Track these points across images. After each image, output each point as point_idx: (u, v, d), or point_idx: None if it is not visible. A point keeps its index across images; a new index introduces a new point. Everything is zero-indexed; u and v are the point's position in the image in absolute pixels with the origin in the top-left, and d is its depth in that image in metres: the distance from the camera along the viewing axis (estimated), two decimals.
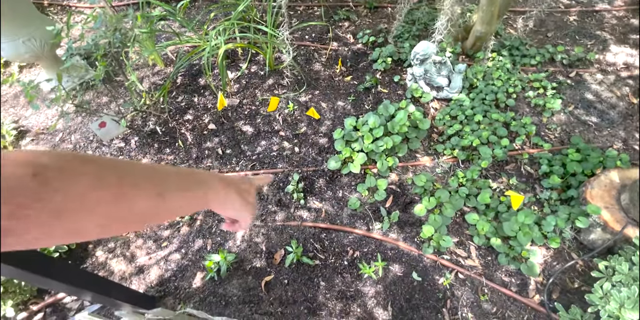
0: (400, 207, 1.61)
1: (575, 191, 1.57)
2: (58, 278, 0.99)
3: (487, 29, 1.99)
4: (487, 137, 1.77)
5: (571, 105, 1.97)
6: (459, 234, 1.54)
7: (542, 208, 1.58)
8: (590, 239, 1.45)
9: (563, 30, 2.36)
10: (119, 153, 1.90)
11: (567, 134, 1.85)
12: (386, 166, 1.68)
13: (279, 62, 2.23)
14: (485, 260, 1.47)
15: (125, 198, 0.29)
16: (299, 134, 1.90)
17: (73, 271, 1.18)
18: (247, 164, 1.81)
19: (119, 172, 0.30)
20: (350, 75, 2.16)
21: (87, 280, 1.11)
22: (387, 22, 2.44)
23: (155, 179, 0.33)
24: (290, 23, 2.42)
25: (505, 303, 1.36)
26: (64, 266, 1.26)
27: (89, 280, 1.12)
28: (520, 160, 1.75)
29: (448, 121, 1.88)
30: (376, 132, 1.70)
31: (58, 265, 1.05)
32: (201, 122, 1.98)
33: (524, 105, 1.99)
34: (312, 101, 2.03)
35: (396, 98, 2.03)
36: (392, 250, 1.50)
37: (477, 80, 2.03)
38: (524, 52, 2.19)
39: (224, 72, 1.87)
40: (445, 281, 1.40)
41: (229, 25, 1.90)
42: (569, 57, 2.13)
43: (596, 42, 2.26)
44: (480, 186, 1.62)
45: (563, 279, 1.40)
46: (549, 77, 2.09)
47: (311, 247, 1.54)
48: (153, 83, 2.17)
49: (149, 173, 0.33)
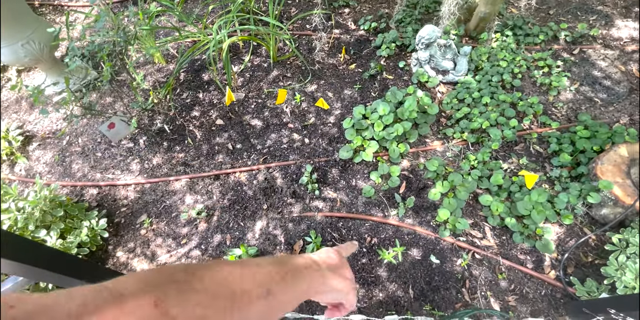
0: (415, 193, 1.63)
1: (585, 168, 1.59)
2: (86, 278, 1.01)
3: (491, 9, 1.96)
4: (495, 119, 1.77)
5: (576, 82, 1.97)
6: (473, 216, 1.57)
7: (553, 186, 1.61)
8: (602, 213, 1.49)
9: (565, 7, 2.34)
10: (128, 153, 1.90)
11: (574, 111, 1.86)
12: (398, 153, 1.69)
13: (282, 53, 2.21)
14: (501, 239, 1.50)
15: (239, 309, 0.29)
16: (308, 125, 1.90)
17: (100, 271, 1.20)
18: (259, 158, 1.82)
19: (229, 283, 0.29)
20: (354, 63, 2.14)
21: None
22: (387, 7, 2.41)
23: (261, 280, 0.32)
24: (289, 13, 2.38)
25: (522, 280, 1.40)
26: (92, 266, 1.28)
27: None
28: (529, 139, 1.76)
29: (456, 104, 1.89)
30: (386, 119, 1.71)
31: (85, 266, 1.07)
32: (208, 118, 1.97)
33: (530, 84, 1.99)
34: (319, 91, 2.03)
35: (402, 84, 2.02)
36: (409, 235, 1.54)
37: (482, 62, 2.02)
38: (527, 31, 2.17)
39: (229, 66, 1.85)
40: (463, 262, 1.44)
41: (230, 18, 1.87)
42: (572, 34, 2.12)
43: (598, 17, 2.24)
44: (492, 168, 1.64)
45: (577, 254, 1.44)
46: (553, 55, 2.08)
47: (329, 236, 1.57)
48: (156, 80, 2.15)
49: (255, 276, 0.32)
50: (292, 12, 2.45)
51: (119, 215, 1.71)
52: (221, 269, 0.31)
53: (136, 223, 1.68)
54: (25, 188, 1.82)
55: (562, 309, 1.33)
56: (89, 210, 1.70)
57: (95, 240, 1.53)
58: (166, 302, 0.25)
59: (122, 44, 1.59)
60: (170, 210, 1.70)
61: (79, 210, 1.62)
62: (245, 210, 1.67)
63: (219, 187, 1.74)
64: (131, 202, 1.75)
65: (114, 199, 1.77)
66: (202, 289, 0.28)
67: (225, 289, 0.29)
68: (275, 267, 0.34)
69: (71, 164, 1.90)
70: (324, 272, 0.38)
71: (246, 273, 0.32)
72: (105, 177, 1.83)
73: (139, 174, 1.83)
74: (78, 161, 1.91)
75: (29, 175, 1.89)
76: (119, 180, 1.81)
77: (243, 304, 0.29)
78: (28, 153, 1.97)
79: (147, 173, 1.83)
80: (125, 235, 1.65)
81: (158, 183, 1.79)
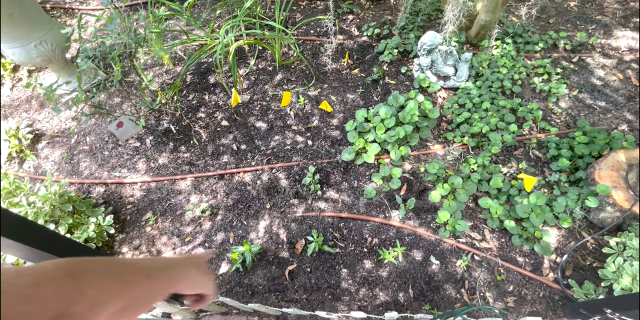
0: (415, 195, 1.66)
1: (584, 173, 1.62)
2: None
3: (492, 17, 2.02)
4: (495, 124, 1.81)
5: (575, 89, 2.01)
6: (473, 218, 1.60)
7: (551, 190, 1.64)
8: (600, 217, 1.51)
9: (564, 16, 2.39)
10: (135, 152, 1.94)
11: (573, 117, 1.90)
12: (399, 155, 1.73)
13: (286, 57, 2.27)
14: (500, 242, 1.53)
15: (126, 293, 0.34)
16: (311, 128, 1.94)
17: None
18: (263, 159, 1.86)
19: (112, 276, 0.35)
20: (357, 68, 2.19)
21: None
22: (390, 14, 2.47)
23: (138, 269, 0.38)
24: (294, 18, 2.45)
25: (520, 282, 1.42)
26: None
27: None
28: (529, 144, 1.80)
29: (456, 109, 1.93)
30: (388, 122, 1.75)
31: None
32: (214, 119, 2.02)
33: (530, 91, 2.03)
34: (322, 95, 2.07)
35: (404, 89, 2.07)
36: (409, 236, 1.56)
37: (483, 69, 2.07)
38: (527, 39, 2.22)
39: (235, 69, 1.90)
40: (463, 263, 1.46)
41: (237, 22, 1.93)
42: (572, 43, 2.17)
43: (597, 26, 2.29)
44: (492, 171, 1.67)
45: (575, 257, 1.46)
46: (552, 62, 2.13)
47: (331, 236, 1.60)
48: (163, 82, 2.20)
49: (132, 267, 0.38)
50: (297, 18, 2.51)
51: (125, 212, 1.75)
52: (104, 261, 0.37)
53: (141, 220, 1.71)
54: (33, 185, 1.86)
55: (560, 311, 1.35)
56: (96, 206, 1.73)
57: (102, 236, 1.57)
58: (81, 278, 0.30)
59: (132, 46, 1.64)
60: (175, 209, 1.73)
61: (86, 207, 1.65)
62: (248, 210, 1.70)
63: (223, 187, 1.78)
64: (137, 200, 1.79)
65: (120, 197, 1.81)
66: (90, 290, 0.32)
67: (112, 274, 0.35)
68: (152, 264, 0.41)
69: (79, 162, 1.94)
70: (187, 267, 0.45)
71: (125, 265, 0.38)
72: (112, 175, 1.87)
73: (145, 172, 1.87)
74: (86, 159, 1.95)
75: (37, 172, 1.93)
76: (125, 179, 1.84)
77: (133, 290, 0.35)
78: (37, 151, 2.02)
79: (153, 172, 1.86)
80: (130, 232, 1.68)
81: (164, 182, 1.83)
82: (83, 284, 0.31)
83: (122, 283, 0.35)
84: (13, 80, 2.38)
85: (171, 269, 0.42)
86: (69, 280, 0.30)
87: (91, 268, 0.33)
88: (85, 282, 0.31)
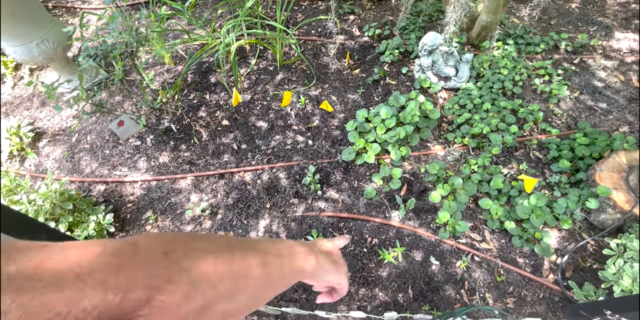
0: (415, 195, 1.67)
1: (584, 174, 1.62)
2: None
3: (493, 18, 2.02)
4: (496, 125, 1.82)
5: (577, 91, 2.01)
6: (473, 219, 1.60)
7: (552, 191, 1.64)
8: (600, 219, 1.51)
9: (566, 18, 2.40)
10: (135, 151, 1.94)
11: (574, 119, 1.90)
12: (399, 156, 1.73)
13: (287, 57, 2.27)
14: (500, 243, 1.53)
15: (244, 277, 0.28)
16: (312, 128, 1.95)
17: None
18: (263, 158, 1.86)
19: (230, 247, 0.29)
20: (358, 68, 2.20)
21: None
22: (391, 15, 2.48)
23: (257, 249, 0.32)
24: (296, 18, 2.45)
25: (520, 283, 1.42)
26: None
27: None
28: (529, 146, 1.80)
29: (457, 110, 1.93)
30: (388, 122, 1.75)
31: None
32: (215, 119, 2.03)
33: (531, 92, 2.03)
34: (323, 95, 2.08)
35: (405, 89, 2.07)
36: (409, 237, 1.56)
37: (484, 69, 2.07)
38: (529, 40, 2.22)
39: (236, 68, 1.90)
40: (462, 264, 1.47)
41: (238, 22, 1.94)
42: (573, 44, 2.17)
43: (599, 28, 2.30)
44: (492, 172, 1.68)
45: (575, 259, 1.47)
46: (554, 64, 2.13)
47: (331, 235, 1.60)
48: (164, 81, 2.21)
49: (249, 244, 0.32)
50: (298, 18, 2.52)
51: (125, 211, 1.75)
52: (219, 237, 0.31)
53: (142, 219, 1.72)
54: (34, 183, 1.86)
55: (560, 312, 1.35)
56: (96, 205, 1.74)
57: (102, 235, 1.57)
58: (175, 252, 0.25)
59: (133, 45, 1.65)
60: (175, 208, 1.74)
61: (86, 205, 1.66)
62: (248, 209, 1.70)
63: (224, 186, 1.78)
64: (137, 199, 1.79)
65: (120, 195, 1.82)
66: (207, 243, 0.28)
67: (228, 252, 0.29)
68: (272, 243, 0.34)
69: (80, 161, 1.95)
70: (318, 255, 0.39)
71: (244, 243, 0.32)
72: (112, 174, 1.88)
73: (145, 171, 1.87)
74: (86, 158, 1.96)
75: (38, 170, 1.94)
76: (125, 177, 1.85)
77: (243, 270, 0.29)
78: (38, 149, 2.03)
79: (154, 170, 1.87)
80: (130, 230, 1.69)
81: (164, 180, 1.83)
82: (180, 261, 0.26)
83: (231, 263, 0.28)
84: (15, 79, 2.39)
85: (295, 254, 0.35)
86: (163, 258, 0.25)
87: (193, 245, 0.28)
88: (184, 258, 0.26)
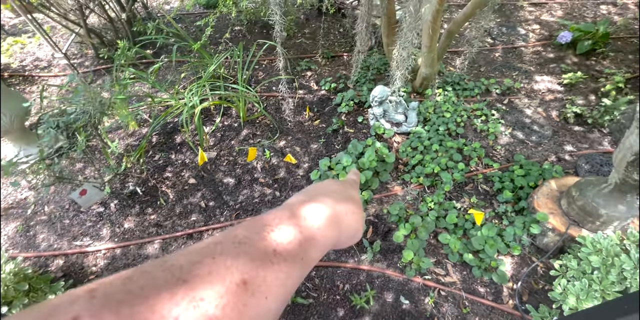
0: (381, 236, 1.87)
1: (525, 202, 1.94)
2: None
3: (430, 70, 2.48)
4: (445, 163, 2.14)
5: (510, 127, 2.44)
6: (435, 254, 1.81)
7: (501, 221, 1.92)
8: (544, 242, 1.79)
9: (492, 65, 2.95)
10: (98, 218, 2.02)
11: (511, 152, 2.28)
12: (362, 200, 1.96)
13: (251, 113, 2.56)
14: (462, 274, 1.74)
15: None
16: (278, 179, 2.16)
17: None
18: (231, 214, 2.01)
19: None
20: (318, 119, 2.52)
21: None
22: (344, 69, 2.91)
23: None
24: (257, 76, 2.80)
25: (485, 312, 1.61)
26: None
27: None
28: (477, 180, 2.12)
29: (410, 152, 2.25)
30: (349, 169, 2.01)
31: None
32: (181, 178, 2.19)
33: (472, 131, 2.43)
34: (287, 146, 2.34)
35: (362, 136, 2.39)
36: (379, 279, 1.73)
37: (430, 114, 2.47)
38: (464, 86, 2.70)
39: (201, 129, 2.13)
40: (430, 300, 1.64)
41: (202, 83, 2.22)
42: (501, 87, 2.67)
43: (519, 73, 2.85)
44: (447, 208, 1.94)
45: (529, 282, 1.70)
46: (488, 105, 2.58)
47: (303, 286, 1.73)
48: (128, 144, 2.38)
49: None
50: (259, 76, 2.88)
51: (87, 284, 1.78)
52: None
53: None
54: None
55: None
56: (54, 281, 1.76)
57: None
58: (256, 279, 0.23)
59: (97, 115, 1.84)
60: None
61: (44, 283, 1.68)
62: None
63: None
64: (100, 269, 1.84)
65: (82, 267, 1.85)
66: (278, 258, 0.26)
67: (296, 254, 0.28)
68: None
69: (36, 234, 1.98)
70: (361, 215, 0.36)
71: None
72: (73, 245, 1.92)
73: (109, 238, 1.94)
74: (43, 230, 2.00)
75: None
76: (88, 247, 1.90)
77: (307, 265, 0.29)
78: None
79: (118, 237, 1.95)
80: None
81: (129, 247, 1.91)
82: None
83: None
84: None
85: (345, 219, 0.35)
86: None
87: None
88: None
